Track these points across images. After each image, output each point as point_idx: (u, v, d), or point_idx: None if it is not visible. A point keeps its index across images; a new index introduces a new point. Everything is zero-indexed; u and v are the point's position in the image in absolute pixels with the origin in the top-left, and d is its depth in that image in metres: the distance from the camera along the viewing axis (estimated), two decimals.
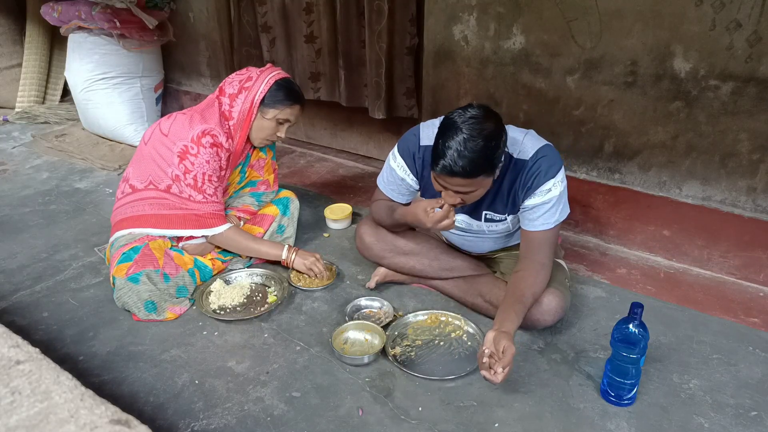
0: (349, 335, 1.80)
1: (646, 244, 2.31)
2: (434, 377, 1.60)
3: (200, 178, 1.92)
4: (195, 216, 1.96)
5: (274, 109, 1.97)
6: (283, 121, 2.02)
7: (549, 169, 1.61)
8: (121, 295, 1.84)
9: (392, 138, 3.09)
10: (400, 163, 1.80)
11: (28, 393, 1.11)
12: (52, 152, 3.33)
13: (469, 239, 1.90)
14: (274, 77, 1.97)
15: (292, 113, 2.01)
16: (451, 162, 1.43)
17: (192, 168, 1.90)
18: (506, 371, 1.42)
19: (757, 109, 1.91)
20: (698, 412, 1.53)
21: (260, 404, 1.54)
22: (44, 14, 3.35)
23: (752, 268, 2.10)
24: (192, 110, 1.98)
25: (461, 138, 1.43)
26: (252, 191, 2.25)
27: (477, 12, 2.38)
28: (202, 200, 1.95)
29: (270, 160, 2.28)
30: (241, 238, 2.05)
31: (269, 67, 2.02)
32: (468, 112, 1.47)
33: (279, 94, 1.96)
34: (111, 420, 1.05)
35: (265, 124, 2.00)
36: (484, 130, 1.44)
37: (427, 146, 1.72)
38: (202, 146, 1.88)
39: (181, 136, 1.90)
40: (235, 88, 1.97)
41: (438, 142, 1.48)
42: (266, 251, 2.07)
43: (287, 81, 2.00)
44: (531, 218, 1.66)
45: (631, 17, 2.02)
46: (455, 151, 1.43)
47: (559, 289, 1.74)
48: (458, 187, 1.51)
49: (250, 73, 1.98)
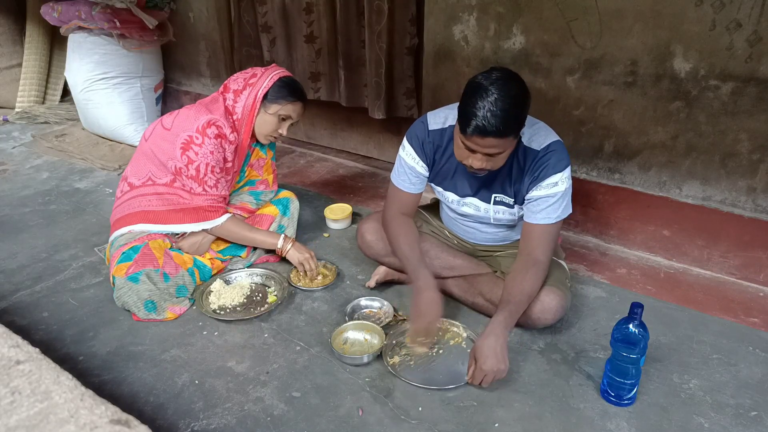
0: (349, 335, 1.80)
1: (646, 244, 2.31)
2: (433, 386, 1.59)
3: (203, 169, 1.93)
4: (193, 209, 1.98)
5: (276, 104, 1.99)
6: (286, 117, 2.04)
7: (558, 164, 1.63)
8: (120, 295, 1.84)
9: (392, 138, 3.09)
10: (408, 151, 1.80)
11: (28, 393, 1.11)
12: (52, 152, 3.33)
13: (471, 226, 1.91)
14: (278, 74, 2.01)
15: (294, 110, 2.04)
16: (484, 122, 1.43)
17: (195, 158, 1.91)
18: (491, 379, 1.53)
19: (757, 109, 1.91)
20: (698, 412, 1.53)
21: (260, 404, 1.54)
22: (44, 14, 3.35)
23: (752, 268, 2.10)
24: (196, 104, 2.01)
25: (492, 98, 1.43)
26: (250, 190, 2.25)
27: (477, 12, 2.38)
28: (202, 192, 1.96)
29: (270, 160, 2.28)
30: (239, 228, 2.07)
31: (273, 66, 2.05)
32: (493, 74, 1.48)
33: (282, 91, 1.99)
34: (111, 420, 1.05)
35: (268, 119, 2.02)
36: (512, 90, 1.46)
37: (436, 130, 1.75)
38: (207, 137, 1.90)
39: (186, 127, 1.91)
40: (240, 84, 2.00)
41: (466, 104, 1.47)
42: (263, 239, 2.10)
43: (291, 79, 2.04)
44: (534, 210, 1.68)
45: (631, 17, 2.02)
46: (488, 111, 1.43)
47: (559, 288, 1.74)
48: (489, 148, 1.50)
49: (255, 71, 2.02)
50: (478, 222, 1.89)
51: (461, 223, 1.94)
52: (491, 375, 1.51)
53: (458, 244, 2.01)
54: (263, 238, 2.10)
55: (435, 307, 1.66)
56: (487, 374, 1.51)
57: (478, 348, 1.55)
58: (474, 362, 1.55)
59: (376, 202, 2.78)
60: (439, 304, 1.68)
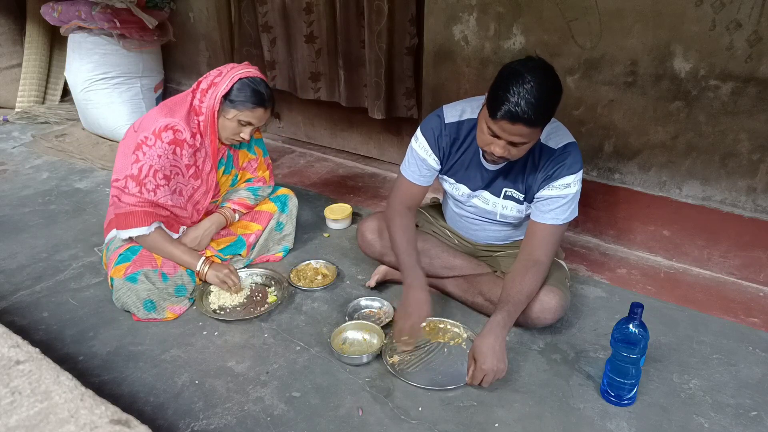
0: (348, 335, 1.80)
1: (646, 244, 2.31)
2: (433, 386, 1.60)
3: (145, 170, 1.81)
4: (123, 214, 1.85)
5: (234, 109, 1.86)
6: (245, 123, 1.91)
7: (573, 165, 1.64)
8: (120, 296, 1.84)
9: (392, 138, 3.09)
10: (422, 143, 1.79)
11: (28, 393, 1.11)
12: (52, 152, 3.33)
13: (475, 223, 1.91)
14: (240, 75, 1.86)
15: (253, 116, 1.89)
16: (517, 108, 1.41)
17: (141, 158, 1.81)
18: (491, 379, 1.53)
19: (757, 109, 1.91)
20: (698, 412, 1.53)
21: (260, 404, 1.54)
22: (44, 14, 3.34)
23: (752, 268, 2.10)
24: (161, 105, 1.93)
25: (529, 86, 1.41)
26: (248, 186, 2.24)
27: (477, 12, 2.38)
28: (136, 194, 1.82)
29: (261, 158, 2.24)
30: (164, 243, 1.92)
31: (244, 65, 1.92)
32: (530, 62, 1.48)
33: (241, 95, 1.85)
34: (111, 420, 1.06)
35: (227, 124, 1.90)
36: (548, 81, 1.45)
37: (452, 123, 1.74)
38: (159, 139, 1.81)
39: (145, 127, 1.85)
40: (208, 83, 1.89)
41: (500, 88, 1.45)
42: (182, 258, 1.95)
43: (254, 81, 1.87)
44: (543, 210, 1.68)
45: (631, 17, 2.02)
46: (522, 98, 1.41)
47: (559, 288, 1.74)
48: (515, 136, 1.49)
49: (222, 69, 1.90)
50: (483, 219, 1.88)
51: (465, 219, 1.93)
52: (491, 374, 1.51)
53: (459, 243, 2.01)
54: (184, 257, 1.95)
55: (422, 306, 1.66)
56: (487, 374, 1.51)
57: (477, 348, 1.55)
58: (473, 362, 1.55)
59: (376, 202, 2.78)
60: (427, 305, 1.67)
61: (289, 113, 3.51)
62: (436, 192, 2.46)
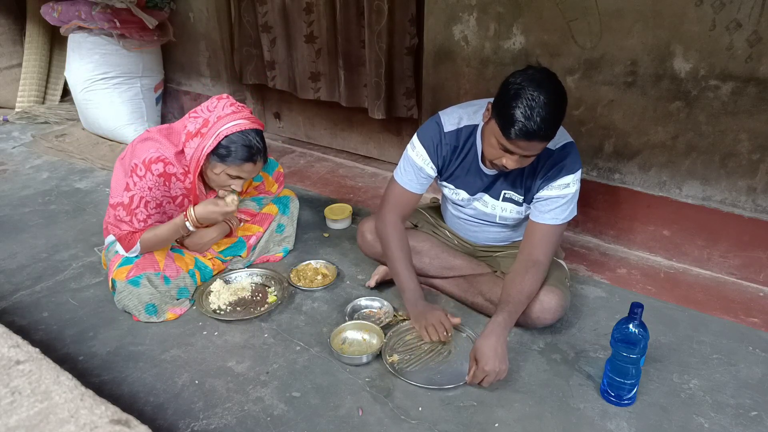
0: (348, 335, 1.80)
1: (646, 244, 2.31)
2: (433, 386, 1.60)
3: (136, 201, 1.81)
4: (117, 237, 1.87)
5: (222, 164, 1.78)
6: (235, 177, 1.83)
7: (572, 165, 1.65)
8: (121, 298, 1.84)
9: (392, 138, 3.09)
10: (419, 152, 1.78)
11: (28, 393, 1.11)
12: (52, 152, 3.33)
13: (475, 225, 1.91)
14: (227, 131, 1.74)
15: (241, 171, 1.80)
16: (532, 126, 1.41)
17: (132, 188, 1.80)
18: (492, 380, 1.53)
19: (757, 109, 1.91)
20: (698, 412, 1.53)
21: (260, 404, 1.54)
22: (44, 14, 3.34)
23: (752, 268, 2.10)
24: (159, 131, 1.88)
25: (540, 102, 1.41)
26: (253, 196, 2.25)
27: (477, 12, 2.38)
28: (128, 221, 1.83)
29: (269, 178, 2.24)
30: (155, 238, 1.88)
31: (236, 110, 1.79)
32: (534, 73, 1.45)
33: (228, 151, 1.75)
34: (111, 420, 1.06)
35: (214, 177, 1.83)
36: (554, 92, 1.45)
37: (451, 131, 1.73)
38: (150, 171, 1.79)
39: (139, 154, 1.82)
40: (194, 128, 1.79)
41: (509, 107, 1.43)
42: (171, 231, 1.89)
43: (244, 134, 1.76)
44: (542, 210, 1.68)
45: (631, 17, 2.02)
46: (536, 115, 1.41)
47: (558, 288, 1.74)
48: (530, 151, 1.49)
49: (208, 120, 1.77)
50: (482, 221, 1.89)
51: (464, 222, 1.93)
52: (492, 375, 1.52)
53: (459, 244, 2.01)
54: (171, 227, 1.88)
55: (430, 308, 1.76)
56: (489, 374, 1.51)
57: (479, 348, 1.55)
58: (474, 363, 1.55)
59: (376, 202, 2.78)
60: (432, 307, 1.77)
61: (289, 113, 3.51)
62: (435, 192, 2.45)
